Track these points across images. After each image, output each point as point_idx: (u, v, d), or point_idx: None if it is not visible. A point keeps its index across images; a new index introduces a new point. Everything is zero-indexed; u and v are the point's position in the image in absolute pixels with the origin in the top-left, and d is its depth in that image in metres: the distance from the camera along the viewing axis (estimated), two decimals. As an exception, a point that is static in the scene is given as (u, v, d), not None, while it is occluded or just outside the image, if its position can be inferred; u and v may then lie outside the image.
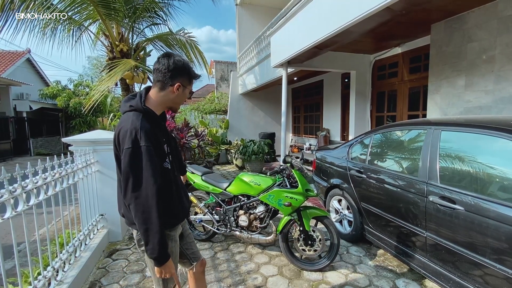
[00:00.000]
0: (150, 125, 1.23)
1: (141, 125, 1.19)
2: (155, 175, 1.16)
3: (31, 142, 12.61)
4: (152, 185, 1.15)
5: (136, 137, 1.16)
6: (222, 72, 14.61)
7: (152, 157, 1.17)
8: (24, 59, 13.86)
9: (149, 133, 1.20)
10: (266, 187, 2.71)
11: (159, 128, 1.33)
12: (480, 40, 3.31)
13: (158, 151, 1.25)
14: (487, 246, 1.67)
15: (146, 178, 1.15)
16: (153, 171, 1.16)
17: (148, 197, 1.14)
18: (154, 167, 1.17)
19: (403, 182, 2.34)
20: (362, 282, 2.40)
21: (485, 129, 1.84)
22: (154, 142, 1.21)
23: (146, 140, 1.17)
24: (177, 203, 1.38)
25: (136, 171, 1.15)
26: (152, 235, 1.14)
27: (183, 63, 1.30)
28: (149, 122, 1.24)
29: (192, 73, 1.35)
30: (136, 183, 1.15)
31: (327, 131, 7.67)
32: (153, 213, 1.14)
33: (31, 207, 1.78)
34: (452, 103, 3.71)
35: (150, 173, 1.15)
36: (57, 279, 2.04)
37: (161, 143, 1.29)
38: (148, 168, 1.16)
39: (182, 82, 1.31)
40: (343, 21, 3.18)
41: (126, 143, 1.17)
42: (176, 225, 1.40)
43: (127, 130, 1.18)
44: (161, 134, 1.32)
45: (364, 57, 5.79)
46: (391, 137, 2.79)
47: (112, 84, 4.55)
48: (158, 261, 1.19)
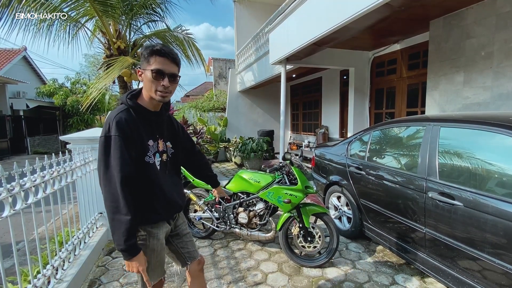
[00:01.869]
0: (129, 118, 1.22)
1: (115, 116, 1.19)
2: (122, 164, 1.14)
3: (28, 140, 12.54)
4: (117, 174, 1.13)
5: (108, 127, 1.18)
6: (220, 70, 14.55)
7: (119, 147, 1.15)
8: (21, 57, 13.72)
9: (123, 124, 1.18)
10: (266, 184, 2.71)
11: (147, 123, 1.29)
12: (478, 36, 3.31)
13: (135, 144, 1.22)
14: (486, 241, 1.68)
15: (113, 167, 1.14)
16: (119, 160, 1.14)
17: (116, 185, 1.13)
18: (120, 156, 1.15)
19: (402, 179, 2.34)
20: (362, 278, 2.41)
21: (484, 125, 1.84)
22: (128, 133, 1.19)
23: (116, 130, 1.16)
24: (160, 199, 1.32)
25: (105, 160, 1.16)
26: (118, 225, 1.12)
27: (144, 49, 1.25)
28: (129, 115, 1.23)
29: (146, 52, 1.22)
30: (105, 171, 1.16)
31: (326, 129, 7.68)
32: (120, 202, 1.12)
33: (30, 206, 1.76)
34: (451, 100, 3.72)
35: (116, 162, 1.14)
36: (57, 277, 2.04)
37: (142, 137, 1.25)
38: (115, 157, 1.15)
39: (141, 66, 1.25)
40: (342, 17, 3.17)
41: (101, 132, 1.20)
42: (157, 221, 1.34)
43: (105, 122, 1.21)
44: (147, 129, 1.29)
45: (362, 54, 5.79)
46: (390, 134, 2.79)
47: (110, 82, 4.52)
48: (125, 255, 1.16)
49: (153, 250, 1.33)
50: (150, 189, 1.29)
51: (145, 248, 1.28)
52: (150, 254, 1.32)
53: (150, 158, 1.28)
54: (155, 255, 1.34)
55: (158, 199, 1.32)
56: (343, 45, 5.14)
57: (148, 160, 1.27)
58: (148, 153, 1.27)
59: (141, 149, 1.25)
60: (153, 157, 1.29)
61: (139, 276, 1.33)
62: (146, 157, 1.26)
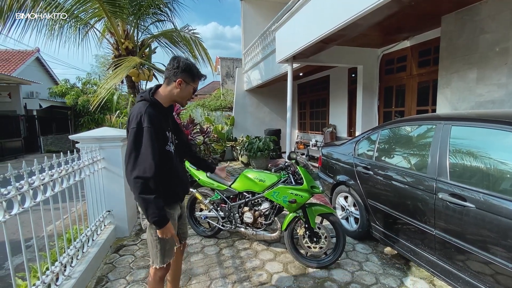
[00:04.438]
0: (156, 112, 1.44)
1: (145, 110, 1.40)
2: (154, 152, 1.35)
3: (41, 139, 12.88)
4: (151, 160, 1.33)
5: (140, 119, 1.37)
6: (227, 69, 14.57)
7: (151, 137, 1.36)
8: (34, 58, 14.10)
9: (152, 117, 1.39)
10: (271, 183, 2.69)
11: (164, 117, 1.54)
12: (493, 31, 3.19)
13: (160, 134, 1.44)
14: (499, 244, 1.62)
15: (146, 154, 1.34)
16: (152, 149, 1.35)
17: (146, 169, 1.32)
18: (152, 145, 1.36)
19: (411, 179, 2.28)
20: (369, 280, 2.36)
21: (497, 124, 1.76)
22: (157, 125, 1.41)
23: (148, 122, 1.37)
24: (177, 183, 1.58)
25: (138, 148, 1.35)
26: (151, 202, 1.33)
27: (187, 63, 1.50)
28: (154, 110, 1.44)
29: (195, 72, 1.52)
30: (137, 158, 1.34)
31: (334, 127, 7.58)
32: (151, 184, 1.33)
33: (38, 204, 1.80)
34: (463, 98, 3.60)
35: (149, 150, 1.34)
36: (65, 274, 2.08)
37: (163, 129, 1.48)
38: (147, 146, 1.35)
39: (184, 78, 1.50)
40: (350, 14, 3.10)
41: (132, 124, 1.38)
42: (175, 203, 1.62)
43: (134, 114, 1.40)
44: (165, 122, 1.53)
45: (371, 51, 5.67)
46: (398, 133, 2.72)
47: (118, 82, 4.57)
48: (159, 224, 1.38)
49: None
50: (171, 173, 1.53)
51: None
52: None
53: (169, 147, 1.51)
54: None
55: (176, 183, 1.57)
56: (351, 43, 5.05)
57: (169, 149, 1.51)
58: (168, 143, 1.51)
59: (163, 139, 1.48)
60: (171, 146, 1.53)
61: (157, 253, 1.54)
62: (167, 146, 1.50)
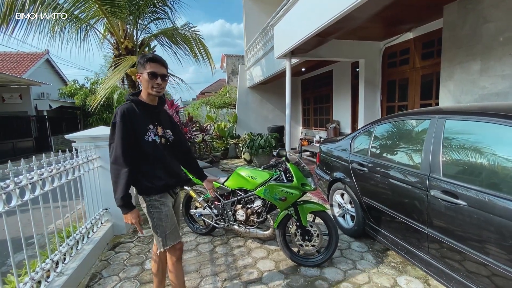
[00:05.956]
0: (130, 108, 1.60)
1: (120, 108, 1.58)
2: (122, 142, 1.53)
3: (52, 139, 13.24)
4: (119, 149, 1.53)
5: (115, 115, 1.57)
6: (233, 66, 14.53)
7: (121, 129, 1.53)
8: (44, 60, 14.47)
9: (124, 112, 1.56)
10: (263, 181, 2.66)
11: (147, 112, 1.68)
12: (496, 20, 3.03)
13: (136, 126, 1.59)
14: (491, 244, 1.54)
15: (116, 145, 1.54)
16: (120, 139, 1.53)
17: (117, 158, 1.52)
18: (121, 136, 1.53)
19: (404, 176, 2.20)
20: (361, 278, 2.31)
21: (492, 117, 1.67)
22: (128, 119, 1.56)
23: (119, 117, 1.54)
24: (161, 167, 1.69)
25: (112, 139, 1.56)
26: (118, 187, 1.51)
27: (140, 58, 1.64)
28: (132, 107, 1.61)
29: (141, 60, 1.62)
30: (111, 148, 1.56)
31: (337, 123, 7.46)
32: (121, 171, 1.51)
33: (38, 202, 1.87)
34: (467, 90, 3.45)
35: (119, 142, 1.53)
36: (57, 270, 2.12)
37: (142, 122, 1.63)
38: (118, 137, 1.54)
39: (138, 71, 1.66)
40: (343, 5, 3.01)
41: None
42: (163, 190, 1.71)
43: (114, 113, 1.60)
44: (147, 116, 1.66)
45: (373, 44, 5.52)
46: (393, 128, 2.64)
47: (117, 81, 4.62)
48: (122, 209, 1.55)
49: (166, 216, 1.69)
50: (153, 160, 1.66)
51: (160, 215, 1.67)
52: (165, 219, 1.68)
53: (149, 137, 1.64)
54: (169, 219, 1.70)
55: (160, 168, 1.69)
56: (350, 36, 4.93)
57: (147, 139, 1.64)
58: (148, 133, 1.64)
59: (142, 131, 1.62)
60: (152, 136, 1.65)
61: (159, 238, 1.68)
62: (146, 136, 1.63)
